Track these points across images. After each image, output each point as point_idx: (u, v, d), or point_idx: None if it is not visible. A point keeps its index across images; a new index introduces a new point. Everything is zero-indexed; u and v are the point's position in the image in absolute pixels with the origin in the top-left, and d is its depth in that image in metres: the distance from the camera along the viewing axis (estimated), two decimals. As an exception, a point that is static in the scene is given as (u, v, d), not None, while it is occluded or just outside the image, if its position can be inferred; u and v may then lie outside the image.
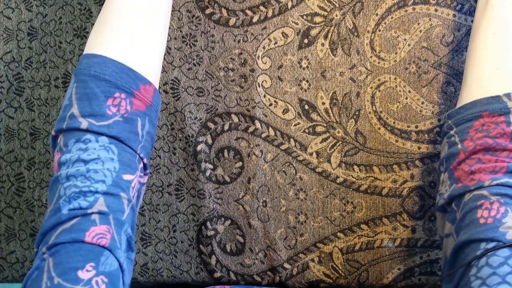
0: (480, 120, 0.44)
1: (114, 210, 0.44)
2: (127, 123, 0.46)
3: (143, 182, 0.50)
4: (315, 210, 0.66)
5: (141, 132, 0.47)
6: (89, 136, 0.45)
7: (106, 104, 0.45)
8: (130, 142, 0.47)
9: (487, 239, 0.41)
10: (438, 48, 0.62)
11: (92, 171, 0.44)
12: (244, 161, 0.67)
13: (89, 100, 0.45)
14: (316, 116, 0.65)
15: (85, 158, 0.44)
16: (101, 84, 0.45)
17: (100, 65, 0.46)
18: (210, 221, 0.68)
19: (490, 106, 0.44)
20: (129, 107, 0.46)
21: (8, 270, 0.72)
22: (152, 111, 0.49)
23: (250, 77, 0.65)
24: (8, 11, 0.69)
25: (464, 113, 0.46)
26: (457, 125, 0.46)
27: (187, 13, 0.66)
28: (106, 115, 0.45)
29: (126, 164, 0.46)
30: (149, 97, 0.48)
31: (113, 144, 0.45)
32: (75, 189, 0.43)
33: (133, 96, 0.47)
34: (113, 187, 0.45)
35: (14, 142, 0.70)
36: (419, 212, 0.64)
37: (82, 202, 0.43)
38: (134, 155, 0.47)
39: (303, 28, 0.64)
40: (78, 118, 0.45)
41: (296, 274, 0.67)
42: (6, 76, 0.70)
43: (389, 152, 0.64)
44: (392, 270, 0.65)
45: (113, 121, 0.45)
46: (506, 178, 0.43)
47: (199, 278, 0.69)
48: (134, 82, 0.47)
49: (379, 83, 0.63)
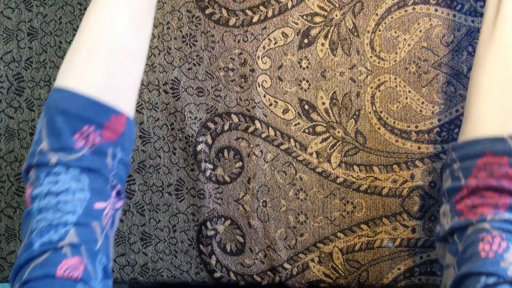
0: (484, 159, 0.44)
1: (86, 240, 0.44)
2: (97, 155, 0.46)
3: (118, 207, 0.49)
4: (315, 210, 0.66)
5: (112, 162, 0.47)
6: (59, 168, 0.45)
7: (74, 138, 0.45)
8: (102, 171, 0.46)
9: (487, 273, 0.41)
10: (438, 48, 0.62)
11: (62, 203, 0.44)
12: (244, 161, 0.67)
13: (57, 135, 0.45)
14: (316, 116, 0.65)
15: (56, 190, 0.44)
16: (69, 119, 0.45)
17: (68, 100, 0.46)
18: (210, 221, 0.68)
19: (494, 146, 0.44)
20: (99, 139, 0.46)
21: (8, 270, 0.72)
22: (125, 139, 0.48)
23: (250, 77, 0.65)
24: (8, 11, 0.69)
25: (467, 149, 0.46)
26: (460, 160, 0.46)
27: (187, 13, 0.66)
28: (75, 149, 0.45)
29: (98, 192, 0.46)
30: (121, 127, 0.48)
31: (84, 174, 0.45)
32: (46, 222, 0.43)
33: (103, 128, 0.46)
34: (84, 216, 0.44)
35: (14, 142, 0.70)
36: (419, 212, 0.64)
37: (53, 236, 0.43)
38: (107, 182, 0.47)
39: (303, 28, 0.64)
40: (48, 154, 0.45)
41: (296, 274, 0.67)
42: (6, 76, 0.70)
43: (389, 152, 0.64)
44: (392, 270, 0.65)
45: (82, 154, 0.45)
46: (508, 214, 0.43)
47: (199, 278, 0.69)
48: (104, 114, 0.46)
49: (379, 83, 0.63)
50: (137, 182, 0.69)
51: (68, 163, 0.45)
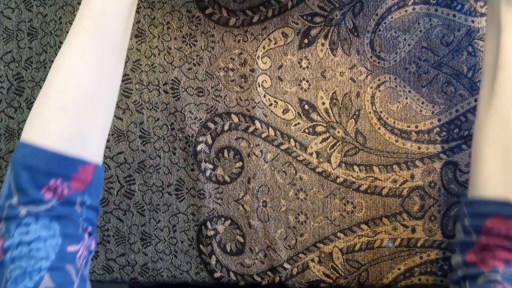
0: (492, 220, 0.46)
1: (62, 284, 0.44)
2: (65, 205, 0.47)
3: (92, 250, 0.50)
4: (315, 210, 0.66)
5: (81, 208, 0.48)
6: (29, 219, 0.45)
7: (41, 192, 0.46)
8: (72, 217, 0.47)
9: None
10: (438, 48, 0.62)
11: (34, 250, 0.44)
12: (244, 161, 0.67)
13: (24, 190, 0.46)
14: (316, 116, 0.65)
15: (27, 240, 0.45)
16: (35, 175, 0.46)
17: (34, 155, 0.46)
18: (210, 221, 0.68)
19: (501, 210, 0.46)
20: (67, 190, 0.47)
21: None
22: (92, 186, 0.49)
23: (250, 77, 0.65)
24: (8, 11, 0.69)
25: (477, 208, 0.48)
26: (470, 216, 0.48)
27: (187, 13, 0.66)
28: (44, 201, 0.46)
29: (69, 236, 0.46)
30: (88, 176, 0.48)
31: (54, 222, 0.46)
32: (20, 271, 0.44)
33: (71, 180, 0.47)
34: (58, 261, 0.45)
35: (14, 142, 0.70)
36: (419, 212, 0.64)
37: (28, 283, 0.43)
38: (78, 227, 0.48)
39: (303, 28, 0.64)
40: (17, 207, 0.46)
41: (296, 274, 0.67)
42: (6, 76, 0.70)
43: (389, 152, 0.64)
44: (392, 270, 0.65)
45: (51, 205, 0.46)
46: None
47: (199, 278, 0.69)
48: (71, 167, 0.47)
49: (379, 83, 0.63)
50: (137, 182, 0.69)
51: (38, 213, 0.46)
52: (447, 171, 0.63)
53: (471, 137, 0.62)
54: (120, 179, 0.69)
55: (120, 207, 0.70)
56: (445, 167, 0.63)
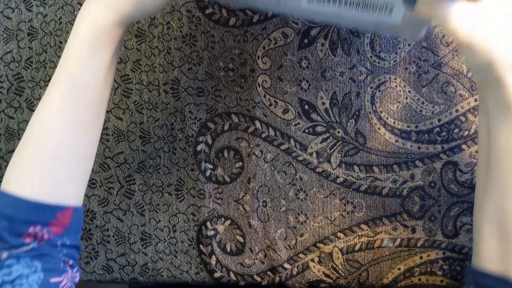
0: None
1: None
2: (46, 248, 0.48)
3: (76, 281, 0.51)
4: (315, 210, 0.66)
5: (62, 248, 0.49)
6: (10, 261, 0.46)
7: (21, 239, 0.47)
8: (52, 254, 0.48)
9: None
10: (438, 48, 0.62)
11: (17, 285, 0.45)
12: (244, 161, 0.67)
13: (4, 238, 0.47)
14: (316, 116, 0.65)
15: (10, 279, 0.45)
16: (14, 224, 0.47)
17: (12, 205, 0.47)
18: (210, 221, 0.68)
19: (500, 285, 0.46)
20: (47, 235, 0.48)
21: (8, 270, 0.72)
22: (71, 229, 0.50)
23: (250, 77, 0.65)
24: (8, 11, 0.69)
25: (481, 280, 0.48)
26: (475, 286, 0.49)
27: (187, 13, 0.66)
28: (25, 244, 0.47)
29: (52, 270, 0.47)
30: (67, 221, 0.49)
31: (35, 260, 0.47)
32: None
33: (50, 225, 0.48)
34: None
35: (14, 142, 0.70)
36: (419, 212, 0.64)
37: None
38: (59, 262, 0.49)
39: (303, 28, 0.64)
40: None
41: (296, 274, 0.67)
42: (6, 76, 0.70)
43: (389, 152, 0.64)
44: (392, 270, 0.65)
45: (32, 247, 0.47)
46: None
47: (199, 278, 0.69)
48: (50, 214, 0.48)
49: (379, 83, 0.63)
50: (137, 182, 0.69)
51: (19, 254, 0.47)
52: (447, 171, 0.63)
53: (471, 137, 0.62)
54: (120, 179, 0.69)
55: (120, 207, 0.70)
56: (445, 167, 0.63)
